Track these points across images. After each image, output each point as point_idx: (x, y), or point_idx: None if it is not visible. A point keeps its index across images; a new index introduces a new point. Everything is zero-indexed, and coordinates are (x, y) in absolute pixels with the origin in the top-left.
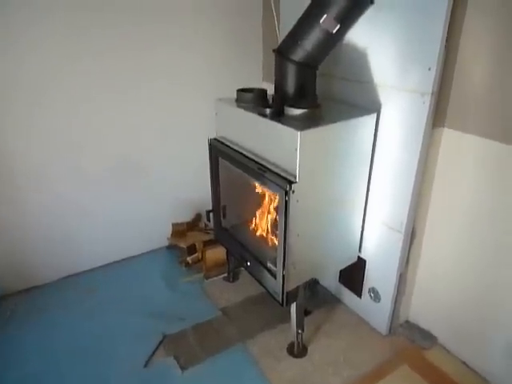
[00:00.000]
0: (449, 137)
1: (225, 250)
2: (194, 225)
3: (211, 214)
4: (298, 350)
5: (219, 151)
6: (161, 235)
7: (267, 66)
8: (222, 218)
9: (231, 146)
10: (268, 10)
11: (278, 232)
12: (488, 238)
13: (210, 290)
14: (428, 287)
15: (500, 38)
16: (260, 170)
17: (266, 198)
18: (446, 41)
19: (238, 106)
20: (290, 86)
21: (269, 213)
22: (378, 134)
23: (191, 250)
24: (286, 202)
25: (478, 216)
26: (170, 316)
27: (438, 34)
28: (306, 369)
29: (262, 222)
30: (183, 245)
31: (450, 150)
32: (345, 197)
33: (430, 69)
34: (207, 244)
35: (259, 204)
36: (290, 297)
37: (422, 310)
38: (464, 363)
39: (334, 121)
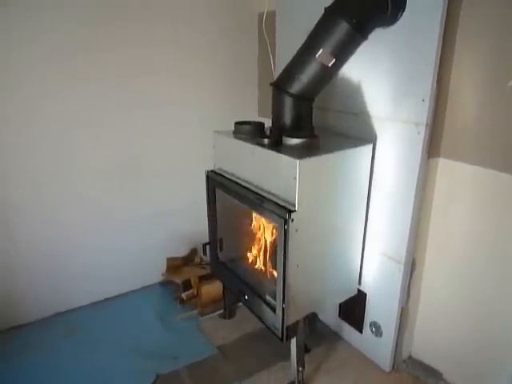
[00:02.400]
0: (444, 166)
1: (221, 286)
2: (189, 259)
3: (208, 247)
4: None
5: (217, 183)
6: (155, 270)
7: (263, 102)
8: (218, 251)
9: (229, 177)
10: (263, 49)
11: (276, 264)
12: (488, 269)
13: (206, 327)
14: (430, 321)
15: (489, 69)
16: (258, 199)
17: (264, 229)
18: (438, 73)
19: (236, 138)
20: (287, 117)
21: (267, 244)
22: (375, 164)
23: (186, 285)
24: (286, 231)
25: (477, 246)
26: (163, 355)
27: (430, 67)
28: None
29: (260, 254)
30: (178, 280)
31: (446, 179)
32: (343, 226)
33: (423, 100)
34: (203, 279)
35: (257, 236)
36: (290, 331)
37: (424, 345)
38: None
39: (331, 150)
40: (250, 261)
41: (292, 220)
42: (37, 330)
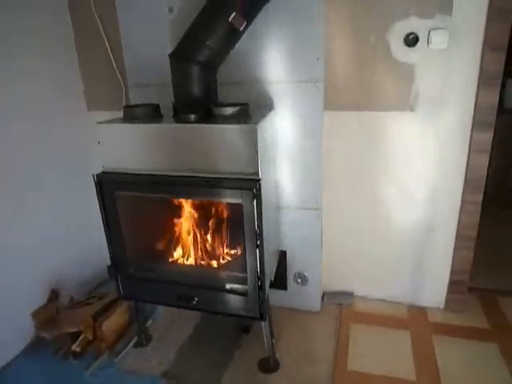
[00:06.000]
0: (328, 117)
1: (124, 313)
2: (58, 303)
3: (112, 269)
4: (274, 363)
5: (118, 184)
6: (15, 336)
7: (91, 93)
8: (128, 268)
9: (136, 172)
10: (86, 29)
11: (245, 244)
12: (367, 192)
13: (130, 365)
14: (330, 254)
15: (355, 26)
16: (204, 182)
17: (200, 216)
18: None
19: (137, 124)
20: (197, 89)
21: (216, 230)
22: (282, 124)
23: (73, 334)
24: (255, 204)
25: (355, 176)
26: None
27: (321, 28)
28: (291, 376)
29: (205, 245)
30: (73, 329)
31: (330, 128)
32: (276, 190)
33: (318, 58)
34: (96, 316)
35: (191, 228)
36: (266, 307)
37: (329, 276)
38: (382, 300)
39: (262, 115)
40: (191, 258)
41: (260, 190)
42: None
